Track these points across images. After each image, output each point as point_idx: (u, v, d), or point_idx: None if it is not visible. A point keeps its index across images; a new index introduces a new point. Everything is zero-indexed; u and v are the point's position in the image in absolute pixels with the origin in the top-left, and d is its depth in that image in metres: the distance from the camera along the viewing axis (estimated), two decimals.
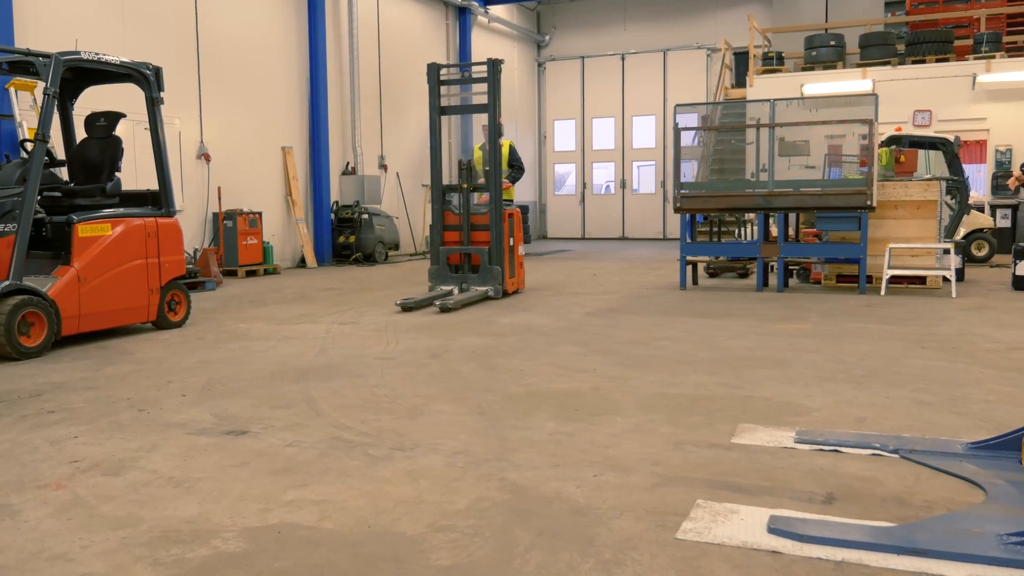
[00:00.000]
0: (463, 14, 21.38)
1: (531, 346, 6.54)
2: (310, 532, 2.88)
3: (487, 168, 9.94)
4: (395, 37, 18.84)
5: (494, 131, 9.57)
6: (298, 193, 15.56)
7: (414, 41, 19.66)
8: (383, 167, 18.35)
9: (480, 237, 9.77)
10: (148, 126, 7.72)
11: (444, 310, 8.57)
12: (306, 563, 2.63)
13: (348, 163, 17.09)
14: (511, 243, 9.97)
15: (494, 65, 9.61)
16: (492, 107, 9.63)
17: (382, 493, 3.26)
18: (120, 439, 4.07)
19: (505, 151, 10.58)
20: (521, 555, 2.68)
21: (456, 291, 9.55)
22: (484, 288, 9.55)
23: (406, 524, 2.94)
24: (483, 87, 9.88)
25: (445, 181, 10.08)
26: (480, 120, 12.06)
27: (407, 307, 8.66)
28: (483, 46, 22.73)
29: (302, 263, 15.60)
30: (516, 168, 10.99)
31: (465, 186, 9.75)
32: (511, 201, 10.70)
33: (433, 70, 9.81)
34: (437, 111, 9.86)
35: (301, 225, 15.54)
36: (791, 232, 11.06)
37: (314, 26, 15.82)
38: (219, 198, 13.71)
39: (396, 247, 17.28)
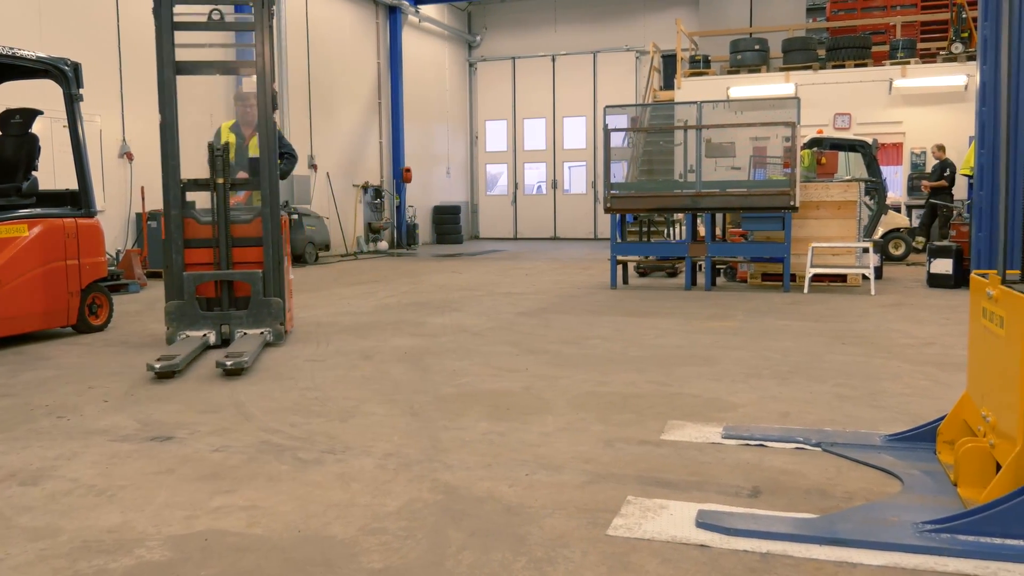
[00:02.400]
0: (393, 13, 21.25)
1: (463, 346, 6.54)
2: (238, 538, 2.83)
3: (252, 157, 7.09)
4: (324, 36, 18.62)
5: (267, 102, 6.69)
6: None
7: (344, 40, 19.46)
8: (313, 167, 18.12)
9: (246, 256, 6.75)
10: (67, 124, 7.48)
11: (227, 372, 5.45)
12: (234, 570, 2.59)
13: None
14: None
15: (263, 2, 6.62)
16: (262, 66, 6.64)
17: (312, 497, 3.22)
18: (38, 447, 3.93)
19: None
20: (453, 556, 2.68)
21: (212, 337, 6.48)
22: (258, 330, 6.56)
23: (337, 528, 2.92)
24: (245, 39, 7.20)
25: (189, 175, 6.85)
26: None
27: (165, 372, 5.35)
28: (414, 46, 22.63)
29: None
30: (286, 157, 7.59)
31: (221, 181, 6.67)
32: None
33: (164, 5, 6.55)
34: (171, 67, 6.60)
35: None
36: (718, 232, 11.29)
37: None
38: (143, 198, 13.36)
39: (327, 248, 17.09)
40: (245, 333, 6.51)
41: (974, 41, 15.93)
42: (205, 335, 6.45)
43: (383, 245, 20.39)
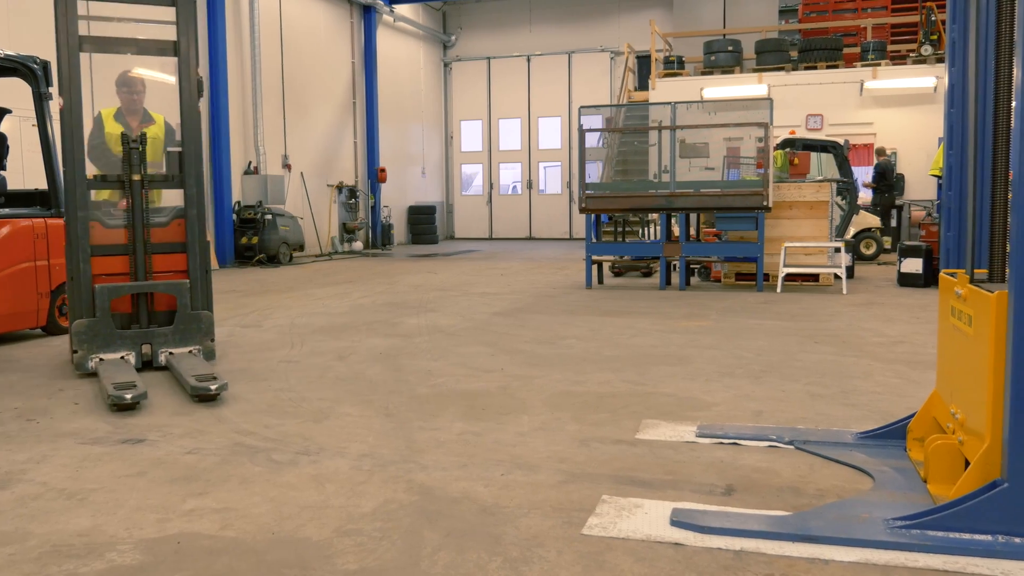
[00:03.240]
0: (368, 13, 21.17)
1: (438, 347, 6.53)
2: (211, 541, 2.81)
3: (173, 150, 6.07)
4: (298, 35, 18.51)
5: (191, 88, 5.90)
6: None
7: (318, 40, 19.36)
8: (287, 167, 18.01)
9: (165, 264, 5.89)
10: (36, 122, 7.37)
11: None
12: (207, 573, 2.57)
13: (250, 162, 16.71)
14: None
15: None
16: (186, 46, 5.87)
17: (286, 499, 3.20)
18: (7, 450, 3.87)
19: (161, 128, 6.40)
20: (429, 556, 2.67)
21: (132, 359, 5.55)
22: (185, 349, 5.73)
23: (311, 529, 2.90)
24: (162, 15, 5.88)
25: (97, 171, 6.05)
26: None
27: (128, 405, 4.57)
28: (389, 45, 22.56)
29: None
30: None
31: (137, 178, 5.75)
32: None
33: None
34: (73, 41, 5.55)
35: None
36: (692, 232, 11.36)
37: (213, 22, 15.41)
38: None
39: (301, 248, 17.00)
40: (171, 353, 5.61)
41: (943, 43, 16.15)
42: (123, 357, 5.49)
43: (358, 245, 20.31)
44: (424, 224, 23.80)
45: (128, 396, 4.54)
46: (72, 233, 5.55)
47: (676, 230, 11.19)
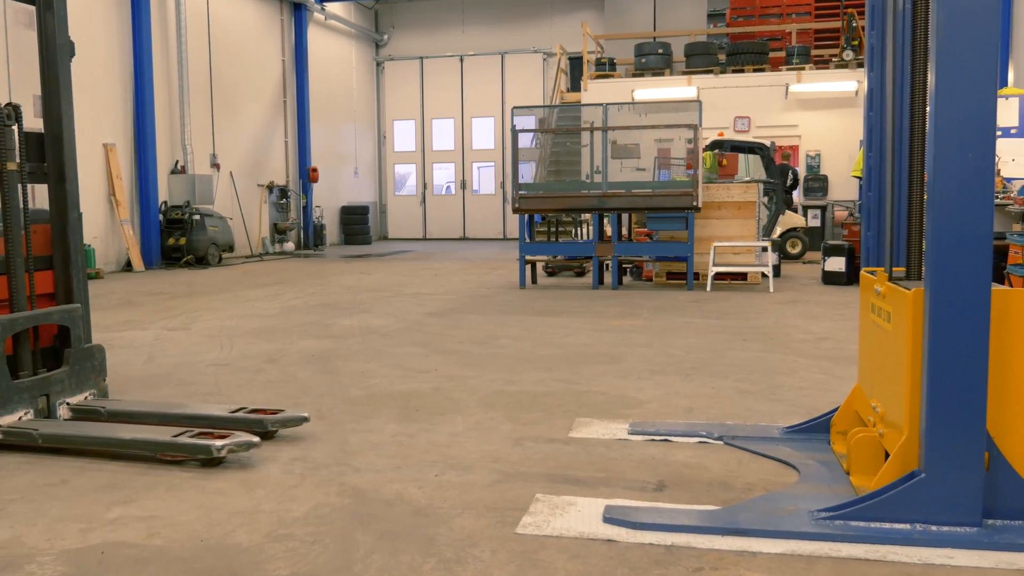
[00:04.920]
0: (298, 10, 20.87)
1: (372, 348, 6.48)
2: (137, 550, 2.74)
3: (30, 131, 4.43)
4: (227, 33, 18.15)
5: (63, 45, 4.43)
6: (122, 193, 14.71)
7: (247, 37, 19.01)
8: (215, 166, 17.64)
9: (39, 285, 4.40)
10: None
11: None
12: None
13: (177, 161, 16.32)
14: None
15: None
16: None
17: (216, 505, 3.14)
18: None
19: None
20: (362, 560, 2.65)
21: (30, 416, 4.01)
22: (82, 395, 4.34)
23: (241, 535, 2.85)
24: None
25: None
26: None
27: None
28: (320, 44, 22.29)
29: (128, 267, 14.75)
30: None
31: (13, 167, 4.20)
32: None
33: None
34: None
35: (126, 227, 14.70)
36: (624, 232, 11.49)
37: (137, 18, 15.01)
38: (32, 197, 12.76)
39: (231, 249, 16.66)
40: (67, 403, 4.22)
41: (864, 49, 16.65)
42: (22, 416, 3.96)
43: (289, 246, 20.00)
44: (357, 224, 23.56)
45: None
46: None
47: (608, 230, 11.30)
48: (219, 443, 3.51)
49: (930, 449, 2.72)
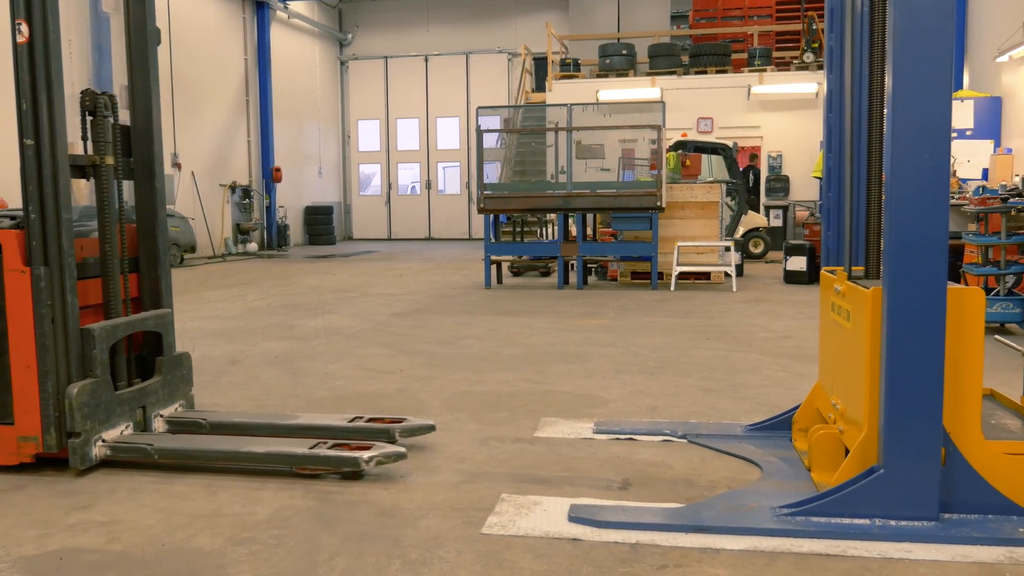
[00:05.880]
0: (261, 9, 20.68)
1: (336, 349, 6.44)
2: (96, 556, 2.70)
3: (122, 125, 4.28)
4: (188, 31, 17.92)
5: (144, 38, 4.51)
6: (79, 192, 14.44)
7: (209, 35, 18.80)
8: (177, 165, 17.42)
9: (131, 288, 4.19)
10: None
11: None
12: None
13: None
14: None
15: None
16: None
17: (177, 509, 3.10)
18: None
19: None
20: (326, 563, 2.63)
21: (129, 430, 3.79)
22: (174, 406, 4.15)
23: (204, 539, 2.82)
24: None
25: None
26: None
27: None
28: (283, 43, 22.09)
29: None
30: None
31: (110, 162, 4.03)
32: None
33: None
34: None
35: None
36: (589, 232, 11.53)
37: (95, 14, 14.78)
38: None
39: (193, 249, 16.46)
40: (160, 415, 4.02)
41: (823, 51, 16.87)
42: (123, 431, 3.75)
43: (253, 246, 19.80)
44: (321, 225, 23.39)
45: None
46: (52, 247, 3.55)
47: (573, 230, 11.34)
48: (366, 455, 3.32)
49: (888, 445, 2.77)
